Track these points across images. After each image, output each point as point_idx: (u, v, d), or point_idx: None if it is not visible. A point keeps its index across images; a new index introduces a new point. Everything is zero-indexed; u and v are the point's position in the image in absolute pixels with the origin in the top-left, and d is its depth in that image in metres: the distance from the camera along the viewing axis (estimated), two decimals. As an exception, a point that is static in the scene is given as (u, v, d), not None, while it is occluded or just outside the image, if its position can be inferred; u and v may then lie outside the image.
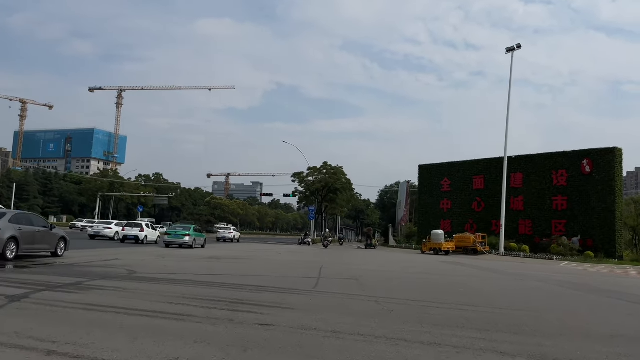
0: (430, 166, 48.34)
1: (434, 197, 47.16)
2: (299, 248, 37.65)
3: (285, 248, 35.93)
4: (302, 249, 36.71)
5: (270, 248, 34.08)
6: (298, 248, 37.56)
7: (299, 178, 57.62)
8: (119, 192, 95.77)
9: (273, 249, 33.22)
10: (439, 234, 35.20)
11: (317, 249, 36.66)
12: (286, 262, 18.34)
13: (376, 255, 30.28)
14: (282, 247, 37.07)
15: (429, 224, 46.97)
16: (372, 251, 38.40)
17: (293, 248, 37.15)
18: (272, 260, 19.69)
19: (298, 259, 20.82)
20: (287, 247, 38.01)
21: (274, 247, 36.05)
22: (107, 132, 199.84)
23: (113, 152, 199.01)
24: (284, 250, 31.45)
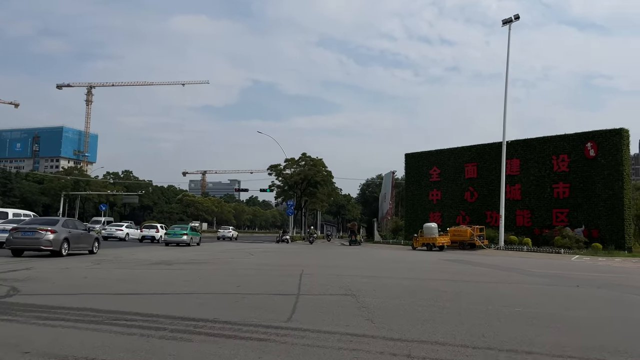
0: (417, 154, 44.70)
1: (422, 187, 43.56)
2: (276, 247, 33.57)
3: (260, 247, 31.81)
4: (280, 247, 32.65)
5: (243, 248, 29.93)
6: (275, 247, 33.49)
7: (275, 171, 53.39)
8: (85, 191, 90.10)
9: (246, 248, 29.09)
10: (432, 228, 31.53)
11: (296, 247, 32.67)
12: (255, 268, 14.23)
13: (364, 253, 26.42)
14: (257, 247, 32.93)
15: (416, 217, 43.40)
16: (358, 248, 34.54)
17: (269, 247, 33.06)
18: (239, 265, 15.57)
19: (272, 262, 16.76)
20: (263, 246, 33.88)
21: (247, 247, 31.88)
22: (76, 130, 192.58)
23: (83, 150, 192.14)
24: (259, 249, 27.34)
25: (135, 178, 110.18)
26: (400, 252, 27.69)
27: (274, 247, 33.72)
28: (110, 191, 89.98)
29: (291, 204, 51.44)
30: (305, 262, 16.75)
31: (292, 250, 28.30)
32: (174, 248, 26.65)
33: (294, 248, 31.81)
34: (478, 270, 15.05)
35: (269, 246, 35.02)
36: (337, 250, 29.62)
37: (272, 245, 36.46)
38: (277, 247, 33.71)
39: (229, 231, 52.60)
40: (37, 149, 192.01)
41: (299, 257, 20.53)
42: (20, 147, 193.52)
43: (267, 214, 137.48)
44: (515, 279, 12.53)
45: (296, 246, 36.60)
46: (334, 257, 21.25)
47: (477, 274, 13.44)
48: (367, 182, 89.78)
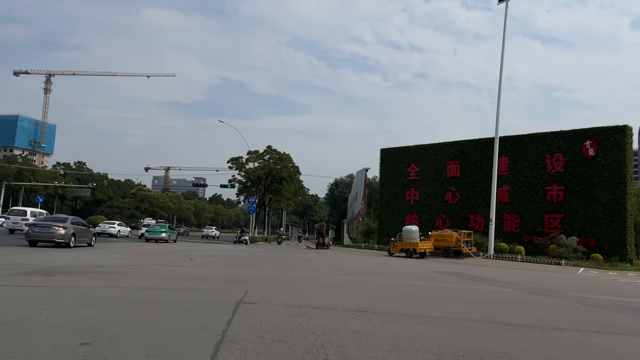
0: (394, 150, 40.48)
1: (398, 187, 39.37)
2: (230, 249, 28.63)
3: (210, 249, 26.79)
4: (234, 250, 27.74)
5: (189, 249, 24.88)
6: (229, 249, 28.55)
7: (237, 164, 48.12)
8: (29, 182, 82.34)
9: (192, 250, 24.05)
10: (412, 231, 27.23)
11: (255, 250, 27.83)
12: (173, 287, 9.33)
13: (334, 260, 21.80)
14: (207, 248, 27.88)
15: (391, 219, 39.22)
16: (326, 252, 29.91)
17: (222, 249, 28.08)
18: (154, 277, 10.68)
19: (209, 274, 11.93)
20: (215, 248, 28.85)
21: (195, 248, 26.82)
22: (33, 120, 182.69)
23: (40, 141, 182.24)
24: (205, 252, 22.37)
25: (88, 170, 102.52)
26: (377, 259, 23.21)
27: (227, 249, 28.76)
28: (58, 182, 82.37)
29: (253, 201, 46.41)
30: (257, 274, 12.01)
31: (248, 253, 23.45)
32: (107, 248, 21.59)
33: (251, 251, 26.95)
34: (501, 293, 10.62)
35: (223, 248, 30.02)
36: (302, 255, 24.91)
37: (226, 247, 31.46)
38: (231, 249, 28.78)
39: (212, 230, 59.09)
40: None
41: (251, 264, 15.76)
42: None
43: (230, 212, 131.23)
44: (539, 301, 8.15)
45: (255, 248, 31.75)
46: (297, 265, 16.54)
47: (509, 301, 8.99)
48: (336, 182, 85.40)
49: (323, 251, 32.12)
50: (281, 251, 29.08)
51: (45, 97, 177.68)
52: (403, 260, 23.10)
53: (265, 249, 30.96)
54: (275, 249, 32.06)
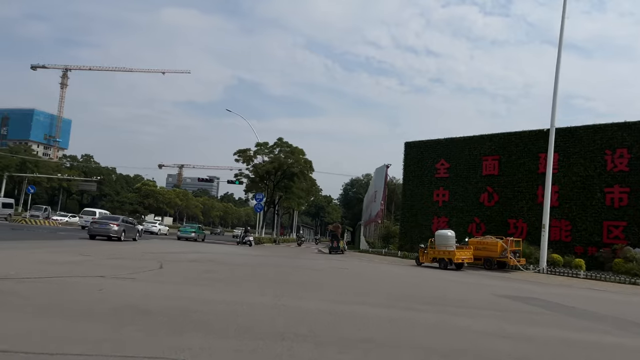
0: (421, 144, 35.62)
1: (424, 185, 34.50)
2: (229, 251, 24.15)
3: (203, 250, 22.28)
4: (232, 253, 23.23)
5: (185, 250, 20.40)
6: (227, 251, 24.08)
7: (244, 157, 43.67)
8: (32, 174, 78.93)
9: (183, 252, 19.58)
10: (448, 237, 22.39)
11: (257, 254, 23.26)
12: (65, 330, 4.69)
13: (354, 270, 17.08)
14: (200, 249, 23.38)
15: (415, 222, 34.39)
16: (342, 260, 25.20)
17: (219, 251, 23.60)
18: (58, 304, 6.11)
19: (159, 293, 7.48)
20: (211, 250, 24.38)
21: (183, 250, 22.33)
22: (48, 114, 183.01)
23: (55, 135, 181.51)
24: (192, 256, 17.84)
25: (96, 163, 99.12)
26: (406, 271, 18.42)
27: (225, 251, 24.26)
28: (62, 175, 78.91)
29: (260, 197, 41.89)
30: (233, 302, 7.35)
31: (246, 258, 18.90)
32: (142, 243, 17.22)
33: (251, 255, 22.40)
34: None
35: (221, 250, 25.54)
36: (312, 263, 20.22)
37: (225, 249, 27.00)
38: (229, 251, 24.28)
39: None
40: (5, 132, 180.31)
41: (240, 278, 11.18)
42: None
43: (241, 211, 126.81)
44: None
45: (258, 251, 27.23)
46: (305, 279, 11.87)
47: None
48: (352, 182, 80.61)
49: (337, 257, 27.42)
50: (288, 256, 24.47)
51: (62, 91, 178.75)
52: (440, 274, 18.29)
53: (270, 253, 26.37)
54: (282, 253, 27.48)
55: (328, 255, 29.80)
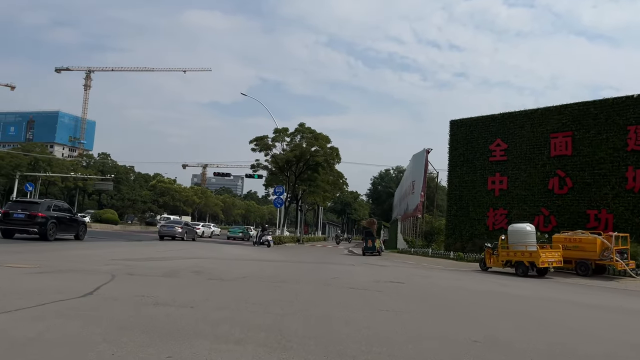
0: (470, 122, 29.67)
1: (475, 171, 28.59)
2: (239, 254, 18.91)
3: (203, 255, 17.01)
4: (242, 256, 17.95)
5: (188, 255, 15.20)
6: (237, 254, 18.84)
7: (260, 145, 38.35)
8: (45, 172, 75.43)
9: (182, 256, 14.37)
10: (527, 233, 16.66)
11: (272, 256, 17.94)
12: None
13: (409, 283, 11.47)
14: (196, 253, 18.14)
15: (465, 215, 28.55)
16: (381, 263, 19.58)
17: (227, 254, 18.36)
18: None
19: None
20: (218, 253, 19.13)
21: (192, 254, 17.13)
22: (73, 116, 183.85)
23: (80, 137, 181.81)
24: (184, 262, 12.59)
25: (113, 162, 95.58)
26: (484, 284, 12.72)
27: (234, 255, 19.00)
28: (75, 174, 75.16)
29: (280, 191, 36.56)
30: None
31: (253, 266, 13.62)
32: None
33: (264, 260, 17.08)
34: None
35: (231, 253, 20.28)
36: (347, 272, 14.69)
37: (236, 252, 21.75)
38: (239, 255, 18.99)
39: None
40: (31, 136, 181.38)
41: (225, 319, 5.80)
42: (14, 130, 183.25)
43: (264, 209, 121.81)
44: None
45: (276, 253, 21.92)
46: (346, 322, 6.47)
47: None
48: (381, 175, 74.69)
49: (375, 260, 21.79)
50: (312, 261, 18.99)
51: (85, 93, 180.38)
52: (532, 285, 12.54)
53: (290, 256, 20.96)
54: (305, 256, 22.05)
55: (361, 257, 24.25)
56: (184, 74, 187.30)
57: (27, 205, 19.83)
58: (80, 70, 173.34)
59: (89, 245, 19.10)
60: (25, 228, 19.10)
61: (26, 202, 21.33)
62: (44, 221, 18.77)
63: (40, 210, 19.06)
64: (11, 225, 19.23)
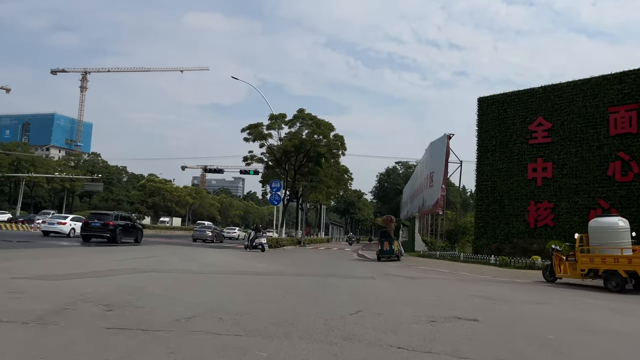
0: (503, 98, 24.67)
1: (512, 157, 23.60)
2: (222, 262, 14.04)
3: (175, 267, 12.08)
4: (223, 266, 13.08)
5: (138, 265, 10.31)
6: (220, 262, 13.97)
7: (254, 133, 33.34)
8: (28, 173, 70.44)
9: (132, 267, 9.50)
10: (618, 230, 11.81)
11: (265, 265, 13.04)
12: None
13: (466, 312, 6.62)
14: (173, 264, 13.19)
15: (500, 210, 23.61)
16: (408, 274, 14.59)
17: (204, 264, 13.46)
18: None
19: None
20: (192, 263, 14.21)
21: (153, 264, 12.22)
22: (69, 118, 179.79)
23: (76, 140, 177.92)
24: (126, 281, 7.68)
25: (104, 162, 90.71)
26: (590, 310, 7.81)
27: (214, 263, 14.09)
28: (59, 174, 70.19)
29: (277, 186, 31.62)
30: None
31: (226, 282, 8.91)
32: None
33: (251, 274, 12.32)
34: None
35: (210, 261, 15.40)
36: (365, 294, 9.78)
37: (220, 259, 16.92)
38: (220, 264, 14.10)
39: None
40: (26, 139, 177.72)
41: None
42: (10, 134, 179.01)
43: (263, 210, 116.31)
44: None
45: (269, 262, 17.04)
46: None
47: None
48: (387, 172, 69.61)
49: (398, 269, 16.80)
50: (314, 273, 14.02)
51: (82, 95, 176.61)
52: None
53: (286, 264, 16.04)
54: (305, 265, 17.15)
55: (376, 264, 19.27)
56: (181, 73, 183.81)
57: (101, 216, 24.92)
58: (76, 72, 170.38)
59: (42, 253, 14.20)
60: (100, 234, 23.92)
61: (100, 213, 26.07)
62: (113, 228, 23.64)
63: (110, 219, 24.11)
64: (90, 232, 24.12)
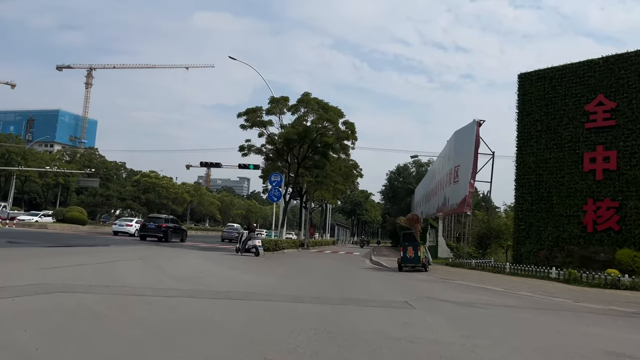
0: (552, 73, 20.25)
1: (562, 145, 19.23)
2: (190, 273, 9.77)
3: (127, 283, 7.83)
4: (189, 276, 8.84)
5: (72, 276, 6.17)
6: (187, 273, 9.70)
7: (252, 118, 29.08)
8: (19, 166, 66.58)
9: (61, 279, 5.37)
10: None
11: (252, 278, 8.93)
12: None
13: None
14: (109, 274, 8.96)
15: (548, 209, 19.31)
16: (457, 297, 10.38)
17: (168, 273, 9.23)
18: None
19: None
20: (165, 267, 9.97)
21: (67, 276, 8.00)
22: (73, 115, 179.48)
23: (80, 136, 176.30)
24: None
25: (101, 156, 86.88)
26: None
27: (184, 273, 9.91)
28: (50, 168, 66.29)
29: (277, 180, 27.44)
30: None
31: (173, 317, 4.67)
32: None
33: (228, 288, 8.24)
34: None
35: (181, 269, 11.18)
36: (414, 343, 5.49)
37: (194, 266, 12.74)
38: (191, 274, 9.94)
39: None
40: (30, 137, 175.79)
41: None
42: (14, 129, 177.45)
43: (266, 210, 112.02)
44: None
45: (262, 270, 12.96)
46: None
47: None
48: (398, 169, 65.23)
49: (434, 285, 12.55)
50: (319, 293, 9.84)
51: (87, 91, 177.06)
52: None
53: (281, 274, 11.96)
54: (306, 274, 12.99)
55: (399, 275, 15.01)
56: (187, 70, 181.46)
57: (156, 219, 29.52)
58: (81, 68, 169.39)
59: None
60: (155, 234, 27.67)
61: (155, 217, 30.94)
62: (165, 229, 27.68)
63: (163, 222, 28.51)
64: (146, 232, 28.16)
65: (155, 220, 29.12)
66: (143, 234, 28.28)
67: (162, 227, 27.68)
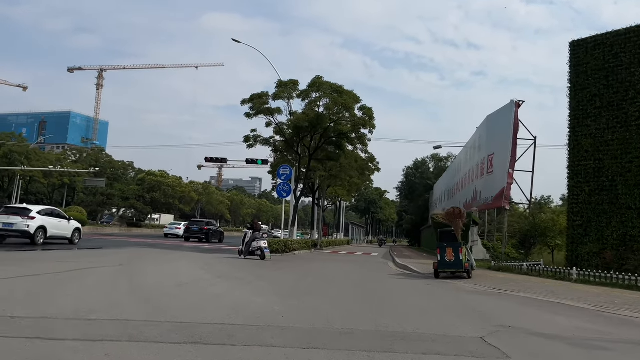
0: (610, 39, 16.86)
1: (629, 124, 15.83)
2: (169, 279, 6.74)
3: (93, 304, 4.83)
4: (151, 285, 5.82)
5: None
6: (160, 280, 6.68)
7: (257, 105, 26.02)
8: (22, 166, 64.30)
9: None
10: None
11: (252, 289, 5.98)
12: None
13: None
14: None
15: (612, 201, 15.89)
16: (578, 339, 7.25)
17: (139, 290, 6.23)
18: None
19: None
20: (144, 277, 6.97)
21: None
22: (85, 117, 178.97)
23: (92, 138, 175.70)
24: None
25: (108, 156, 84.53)
26: None
27: (162, 282, 6.91)
28: (54, 167, 63.86)
29: (287, 173, 24.38)
30: None
31: None
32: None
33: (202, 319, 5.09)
34: None
35: (160, 278, 8.16)
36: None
37: (185, 272, 9.78)
38: (169, 289, 6.93)
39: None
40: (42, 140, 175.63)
41: None
42: (26, 132, 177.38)
43: (278, 209, 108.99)
44: None
45: (263, 282, 10.01)
46: None
47: None
48: (416, 165, 61.79)
49: (501, 303, 9.49)
50: (343, 325, 6.76)
51: (98, 92, 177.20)
52: None
53: (288, 288, 8.95)
54: (320, 288, 9.94)
55: (440, 284, 11.90)
56: (196, 70, 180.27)
57: (198, 222, 34.89)
58: (92, 70, 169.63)
59: None
60: (197, 236, 32.34)
61: (197, 221, 36.08)
62: (207, 231, 32.51)
63: (204, 225, 33.59)
64: (190, 234, 32.89)
65: (198, 223, 34.18)
66: (187, 235, 32.73)
67: (204, 230, 32.15)
